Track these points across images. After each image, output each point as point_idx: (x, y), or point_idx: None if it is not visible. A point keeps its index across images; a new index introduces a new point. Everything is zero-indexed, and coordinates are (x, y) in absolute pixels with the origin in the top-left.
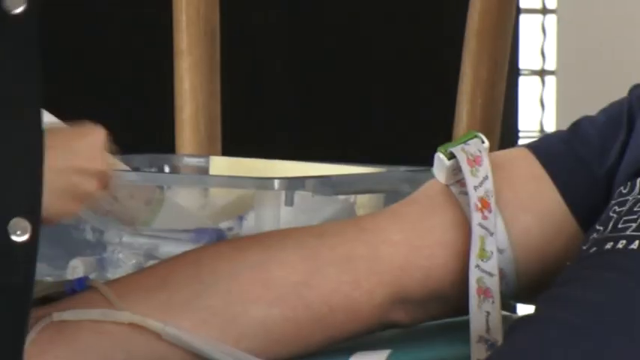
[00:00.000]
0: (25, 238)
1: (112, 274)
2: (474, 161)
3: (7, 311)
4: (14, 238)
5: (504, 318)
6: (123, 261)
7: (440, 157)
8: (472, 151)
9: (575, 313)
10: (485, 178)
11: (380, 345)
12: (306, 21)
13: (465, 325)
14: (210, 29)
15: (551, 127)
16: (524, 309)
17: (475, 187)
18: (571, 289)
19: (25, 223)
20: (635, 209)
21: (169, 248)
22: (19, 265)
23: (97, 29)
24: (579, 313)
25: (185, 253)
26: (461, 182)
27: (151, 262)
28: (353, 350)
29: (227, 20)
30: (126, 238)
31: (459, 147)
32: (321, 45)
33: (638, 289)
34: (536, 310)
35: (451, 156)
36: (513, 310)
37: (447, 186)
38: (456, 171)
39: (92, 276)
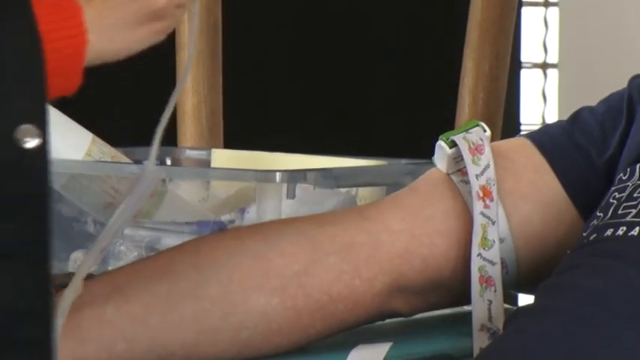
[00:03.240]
0: (35, 144)
1: (114, 266)
2: (476, 150)
3: (30, 221)
4: (24, 146)
5: (506, 310)
6: (124, 253)
7: (441, 145)
8: (474, 140)
9: (577, 301)
10: (487, 166)
11: (381, 338)
12: (309, 14)
13: (466, 317)
14: (213, 22)
15: (553, 120)
16: (525, 301)
17: (477, 176)
18: (572, 277)
19: (34, 129)
20: (634, 195)
21: (171, 241)
22: (33, 174)
23: None
24: (580, 301)
25: (185, 243)
26: (462, 171)
27: None
28: (354, 343)
29: (229, 13)
30: (127, 231)
31: (461, 135)
32: (324, 38)
33: (638, 276)
34: (536, 298)
35: (453, 144)
36: (515, 302)
37: (448, 174)
38: (457, 159)
39: (94, 268)
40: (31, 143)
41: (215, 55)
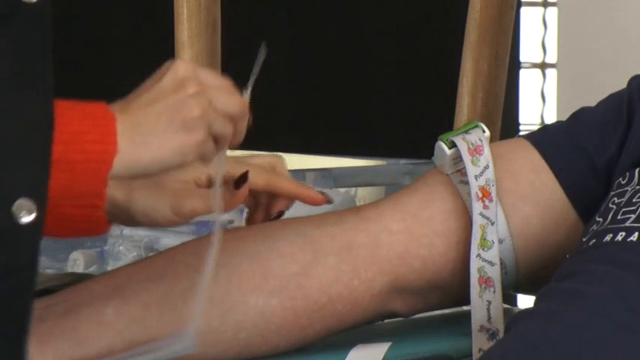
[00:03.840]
0: (30, 219)
1: (113, 266)
2: (475, 150)
3: (13, 292)
4: (19, 219)
5: (506, 311)
6: (123, 253)
7: (441, 145)
8: (473, 140)
9: (577, 306)
10: (486, 167)
11: (380, 338)
12: (308, 14)
13: (464, 317)
14: (212, 21)
15: (552, 120)
16: (524, 301)
17: (476, 177)
18: (572, 282)
19: (31, 204)
20: (634, 200)
21: (170, 241)
22: (24, 247)
23: (99, 22)
24: (581, 306)
25: (185, 244)
26: (461, 171)
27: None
28: (354, 343)
29: (229, 12)
30: (126, 231)
31: (460, 136)
32: (323, 38)
33: (637, 281)
34: (536, 303)
35: (452, 145)
36: (514, 302)
37: (447, 175)
38: (457, 160)
39: (92, 268)
40: (27, 218)
41: (214, 54)
